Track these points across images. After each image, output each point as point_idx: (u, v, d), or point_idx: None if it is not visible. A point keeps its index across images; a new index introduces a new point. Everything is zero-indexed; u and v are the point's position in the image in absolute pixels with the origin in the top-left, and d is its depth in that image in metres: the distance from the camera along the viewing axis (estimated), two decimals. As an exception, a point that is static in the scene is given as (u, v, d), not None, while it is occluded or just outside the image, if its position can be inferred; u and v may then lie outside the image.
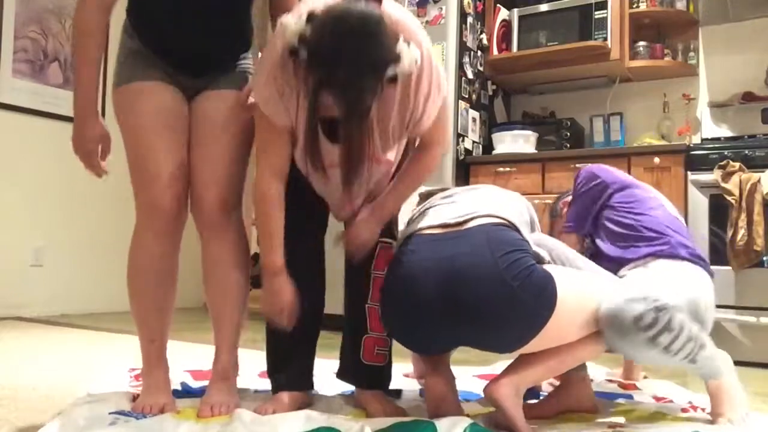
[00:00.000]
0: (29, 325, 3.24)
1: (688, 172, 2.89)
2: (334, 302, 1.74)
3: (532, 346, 1.38)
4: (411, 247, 1.44)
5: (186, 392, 1.73)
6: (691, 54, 3.56)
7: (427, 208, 1.58)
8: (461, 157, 3.43)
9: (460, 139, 3.45)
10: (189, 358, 2.19)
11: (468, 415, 1.45)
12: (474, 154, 3.60)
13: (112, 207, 4.03)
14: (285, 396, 1.60)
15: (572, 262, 1.55)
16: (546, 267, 1.40)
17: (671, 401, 1.80)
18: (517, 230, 1.45)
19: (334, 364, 1.77)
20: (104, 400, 1.52)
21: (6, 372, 2.01)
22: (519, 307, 1.31)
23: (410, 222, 1.60)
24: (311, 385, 1.70)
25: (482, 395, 1.48)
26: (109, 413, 1.42)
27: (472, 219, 1.44)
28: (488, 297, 1.31)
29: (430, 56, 1.40)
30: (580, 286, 1.42)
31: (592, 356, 1.47)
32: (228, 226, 1.60)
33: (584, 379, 1.64)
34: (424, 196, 1.73)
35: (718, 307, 1.83)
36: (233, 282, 1.63)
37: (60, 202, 3.89)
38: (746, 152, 2.79)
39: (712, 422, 1.52)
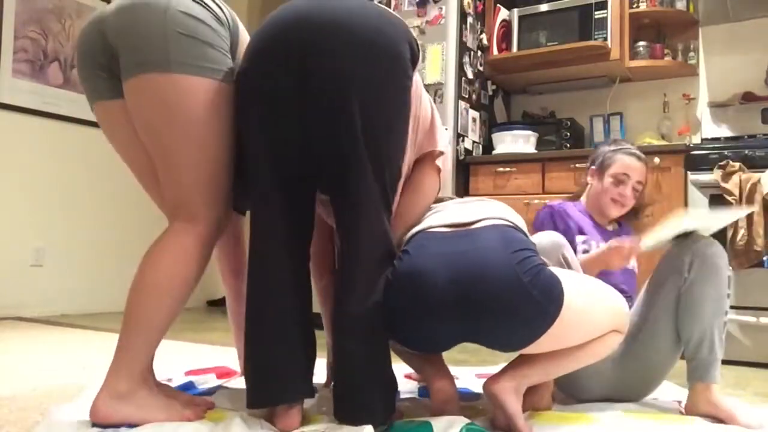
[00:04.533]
0: (29, 325, 3.24)
1: (688, 172, 2.89)
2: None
3: (536, 346, 1.37)
4: (420, 243, 1.43)
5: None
6: (691, 54, 3.56)
7: (433, 213, 1.58)
8: (461, 157, 3.43)
9: (460, 139, 3.44)
10: (189, 358, 2.19)
11: (468, 416, 1.45)
12: (474, 154, 3.60)
13: (113, 207, 4.03)
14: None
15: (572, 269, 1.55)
16: (551, 269, 1.40)
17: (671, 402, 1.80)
18: (525, 235, 1.48)
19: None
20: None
21: (6, 372, 2.01)
22: (530, 303, 1.31)
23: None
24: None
25: (482, 394, 1.48)
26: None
27: (482, 220, 1.45)
28: (501, 291, 1.31)
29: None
30: (586, 291, 1.42)
31: (591, 360, 1.46)
32: None
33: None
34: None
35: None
36: None
37: (60, 202, 3.89)
38: (746, 152, 2.78)
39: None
